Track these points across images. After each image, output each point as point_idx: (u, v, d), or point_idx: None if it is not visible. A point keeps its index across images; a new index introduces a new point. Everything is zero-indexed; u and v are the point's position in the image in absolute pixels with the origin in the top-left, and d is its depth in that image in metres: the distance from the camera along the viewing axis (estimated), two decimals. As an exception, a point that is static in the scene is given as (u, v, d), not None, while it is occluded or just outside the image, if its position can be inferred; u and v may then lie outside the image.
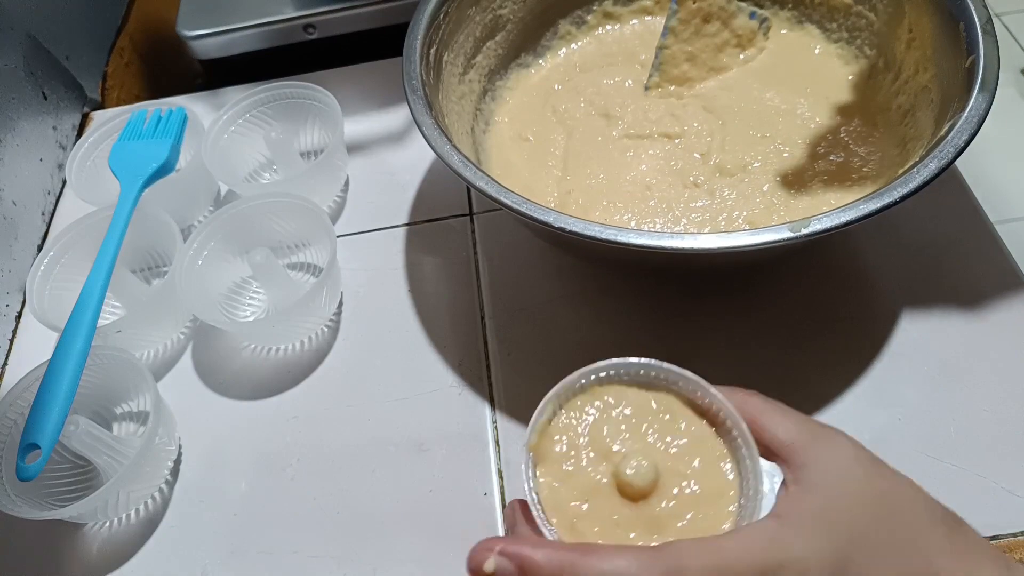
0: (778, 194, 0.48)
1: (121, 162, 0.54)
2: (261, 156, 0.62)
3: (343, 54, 0.69)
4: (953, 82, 0.43)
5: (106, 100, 0.72)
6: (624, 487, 0.30)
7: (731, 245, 0.37)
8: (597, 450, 0.32)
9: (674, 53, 0.55)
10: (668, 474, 0.31)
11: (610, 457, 0.32)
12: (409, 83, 0.47)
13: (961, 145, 0.38)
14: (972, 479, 0.42)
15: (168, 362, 0.53)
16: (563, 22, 0.60)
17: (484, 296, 0.53)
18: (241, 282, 0.56)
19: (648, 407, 0.33)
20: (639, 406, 0.33)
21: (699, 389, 0.32)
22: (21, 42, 0.62)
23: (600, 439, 0.32)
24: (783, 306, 0.49)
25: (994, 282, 0.49)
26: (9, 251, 0.57)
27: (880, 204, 0.37)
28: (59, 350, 0.44)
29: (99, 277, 0.47)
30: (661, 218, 0.49)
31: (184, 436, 0.49)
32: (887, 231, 0.52)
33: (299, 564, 0.44)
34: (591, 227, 0.38)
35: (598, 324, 0.50)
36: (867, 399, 0.45)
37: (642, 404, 0.33)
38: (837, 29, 0.55)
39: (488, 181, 0.41)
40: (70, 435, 0.42)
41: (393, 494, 0.45)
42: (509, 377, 0.49)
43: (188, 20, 0.69)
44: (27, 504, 0.43)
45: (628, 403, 0.33)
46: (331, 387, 0.50)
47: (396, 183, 0.61)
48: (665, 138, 0.53)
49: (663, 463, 0.31)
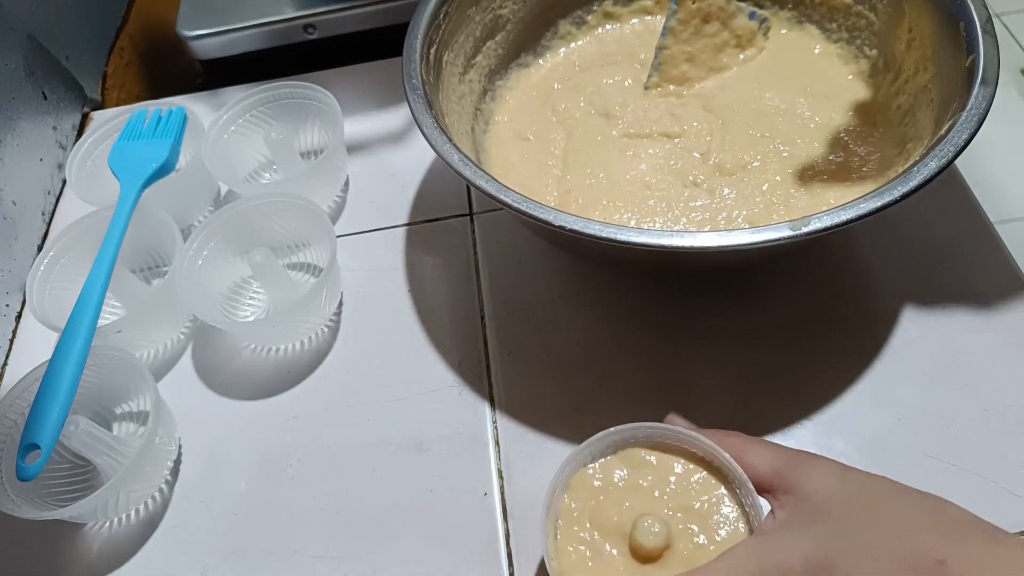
0: (778, 193, 0.48)
1: (121, 162, 0.54)
2: (261, 156, 0.62)
3: (343, 54, 0.69)
4: (953, 82, 0.43)
5: (106, 100, 0.72)
6: (637, 550, 0.32)
7: (731, 244, 0.37)
8: (605, 523, 0.34)
9: (673, 53, 0.55)
10: (678, 533, 0.33)
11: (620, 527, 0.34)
12: (409, 83, 0.47)
13: (961, 144, 0.38)
14: (972, 479, 0.42)
15: (168, 362, 0.53)
16: (563, 22, 0.60)
17: (484, 296, 0.53)
18: (241, 282, 0.56)
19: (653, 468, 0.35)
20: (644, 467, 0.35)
21: (695, 443, 0.34)
22: (21, 42, 0.62)
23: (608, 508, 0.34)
24: (783, 305, 0.49)
25: (994, 282, 0.49)
26: (9, 251, 0.57)
27: (880, 203, 0.37)
28: (59, 350, 0.44)
29: (99, 277, 0.47)
30: (661, 217, 0.49)
31: (184, 436, 0.49)
32: (887, 231, 0.52)
33: (299, 564, 0.44)
34: (591, 225, 0.38)
35: (598, 324, 0.50)
36: (867, 399, 0.45)
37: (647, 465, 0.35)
38: (837, 29, 0.56)
39: (488, 180, 0.41)
40: (70, 435, 0.42)
41: (393, 494, 0.45)
42: (509, 377, 0.49)
43: (188, 20, 0.69)
44: (27, 504, 0.43)
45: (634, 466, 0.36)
46: (331, 387, 0.50)
47: (396, 183, 0.61)
48: (665, 137, 0.53)
49: (673, 523, 0.33)
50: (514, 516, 0.43)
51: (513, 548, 0.42)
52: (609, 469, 0.36)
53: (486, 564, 0.42)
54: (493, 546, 0.43)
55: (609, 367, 0.48)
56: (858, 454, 0.43)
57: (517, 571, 0.42)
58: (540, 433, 0.46)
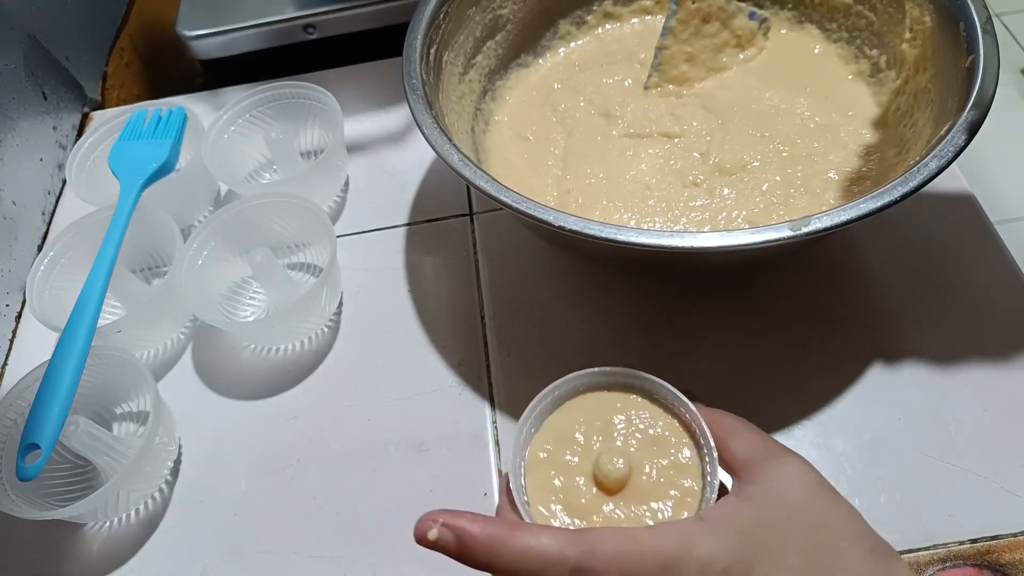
0: (777, 193, 0.48)
1: (121, 162, 0.54)
2: (261, 156, 0.62)
3: (343, 54, 0.69)
4: (953, 82, 0.43)
5: (106, 100, 0.72)
6: (600, 482, 0.33)
7: (731, 244, 0.37)
8: (583, 449, 0.35)
9: (673, 54, 0.55)
10: (637, 472, 0.33)
11: (590, 454, 0.34)
12: (409, 83, 0.47)
13: (961, 145, 0.38)
14: (972, 479, 0.42)
15: (168, 362, 0.53)
16: (563, 22, 0.60)
17: (484, 296, 0.53)
18: (241, 282, 0.56)
19: (649, 419, 0.35)
20: (642, 416, 0.35)
21: (692, 414, 0.34)
22: (21, 42, 0.62)
23: (588, 439, 0.35)
24: (783, 306, 0.49)
25: (994, 282, 0.49)
26: (9, 251, 0.57)
27: (880, 203, 0.37)
28: (59, 350, 0.44)
29: (99, 277, 0.47)
30: (661, 217, 0.49)
31: (184, 436, 0.49)
32: (887, 231, 0.52)
33: (299, 564, 0.44)
34: (591, 226, 0.38)
35: (598, 324, 0.50)
36: (867, 399, 0.45)
37: (646, 415, 0.35)
38: (837, 29, 0.55)
39: (488, 180, 0.41)
40: (70, 435, 0.42)
41: (393, 494, 0.45)
42: (509, 377, 0.49)
43: (188, 20, 0.69)
44: (27, 504, 0.43)
45: (633, 410, 0.35)
46: (331, 387, 0.50)
47: (396, 183, 0.61)
48: (665, 137, 0.53)
49: (639, 468, 0.33)
50: (514, 516, 0.43)
51: (513, 548, 0.42)
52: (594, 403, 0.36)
53: (486, 564, 0.42)
54: (493, 546, 0.43)
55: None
56: (858, 454, 0.43)
57: (517, 571, 0.42)
58: (540, 433, 0.46)
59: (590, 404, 0.36)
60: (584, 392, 0.36)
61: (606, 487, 0.33)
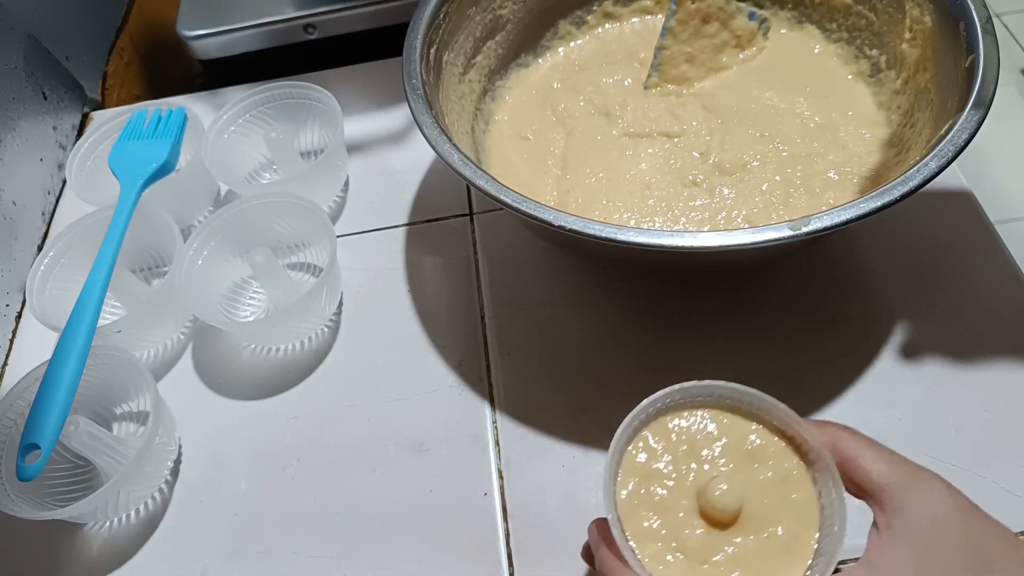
0: (777, 193, 0.48)
1: (121, 162, 0.54)
2: (261, 156, 0.62)
3: (343, 54, 0.69)
4: (953, 82, 0.43)
5: (106, 100, 0.72)
6: (707, 510, 0.30)
7: (731, 243, 0.37)
8: (680, 473, 0.31)
9: (673, 54, 0.55)
10: (752, 502, 0.30)
11: (695, 479, 0.31)
12: (409, 83, 0.47)
13: (961, 145, 0.38)
14: (972, 479, 0.42)
15: (168, 362, 0.53)
16: (563, 22, 0.60)
17: (484, 296, 0.53)
18: (241, 282, 0.56)
19: (738, 433, 0.32)
20: (728, 430, 0.32)
21: (789, 420, 0.31)
22: (21, 42, 0.62)
23: (686, 461, 0.31)
24: (783, 305, 0.49)
25: (994, 282, 0.49)
26: (9, 251, 0.57)
27: (880, 203, 0.37)
28: (59, 350, 0.44)
29: (99, 277, 0.47)
30: (660, 217, 0.49)
31: (184, 436, 0.49)
32: (887, 231, 0.52)
33: (299, 564, 0.44)
34: (591, 225, 0.38)
35: (598, 324, 0.50)
36: (867, 399, 0.45)
37: (732, 429, 0.32)
38: (837, 29, 0.55)
39: (488, 180, 0.41)
40: (70, 435, 0.42)
41: (393, 494, 0.45)
42: (509, 377, 0.49)
43: (188, 20, 0.69)
44: (27, 504, 0.43)
45: (716, 426, 0.32)
46: (331, 387, 0.50)
47: (396, 183, 0.61)
48: (664, 137, 0.53)
49: (749, 491, 0.30)
50: (514, 516, 0.43)
51: (513, 548, 0.42)
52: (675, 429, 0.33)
53: (486, 564, 0.42)
54: (493, 546, 0.43)
55: (609, 367, 0.48)
56: (858, 454, 0.43)
57: (517, 571, 0.42)
58: (540, 433, 0.46)
59: (663, 428, 0.32)
60: (656, 417, 0.33)
61: (721, 521, 0.30)
